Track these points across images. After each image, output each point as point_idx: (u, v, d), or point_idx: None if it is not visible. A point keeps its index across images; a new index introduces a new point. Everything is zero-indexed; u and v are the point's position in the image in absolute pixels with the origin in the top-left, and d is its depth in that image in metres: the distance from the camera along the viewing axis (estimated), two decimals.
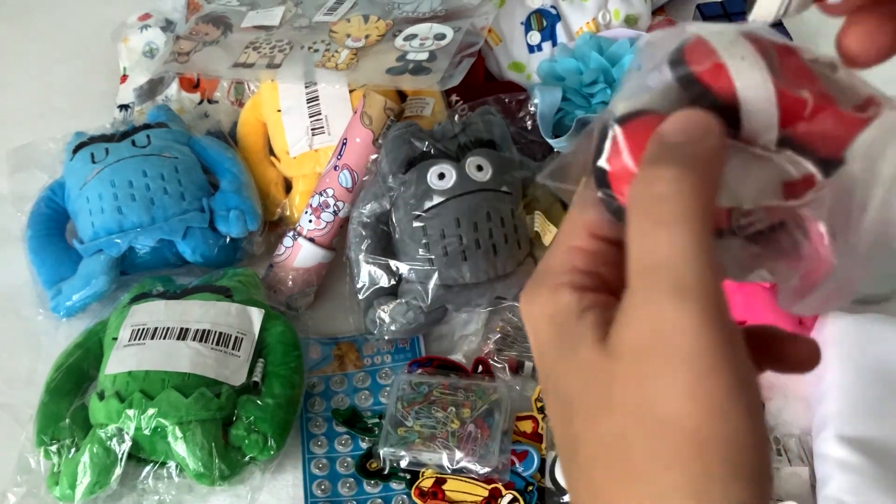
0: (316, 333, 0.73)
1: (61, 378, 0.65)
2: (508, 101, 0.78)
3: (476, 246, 0.66)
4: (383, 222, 0.70)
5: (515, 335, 0.69)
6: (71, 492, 0.60)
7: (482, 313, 0.71)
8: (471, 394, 0.63)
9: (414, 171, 0.68)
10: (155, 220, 0.72)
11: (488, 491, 0.59)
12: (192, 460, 0.60)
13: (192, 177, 0.75)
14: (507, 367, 0.67)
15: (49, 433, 0.62)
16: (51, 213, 0.77)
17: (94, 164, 0.74)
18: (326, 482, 0.63)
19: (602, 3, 0.85)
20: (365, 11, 0.83)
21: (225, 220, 0.73)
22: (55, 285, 0.73)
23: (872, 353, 0.62)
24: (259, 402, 0.62)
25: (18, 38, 1.05)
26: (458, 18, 0.80)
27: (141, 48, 0.93)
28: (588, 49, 0.79)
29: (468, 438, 0.60)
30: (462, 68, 0.73)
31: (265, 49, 0.81)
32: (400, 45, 0.77)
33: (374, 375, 0.70)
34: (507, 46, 0.87)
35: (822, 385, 0.62)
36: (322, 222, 0.73)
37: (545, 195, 0.72)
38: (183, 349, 0.63)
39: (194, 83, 0.90)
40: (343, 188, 0.72)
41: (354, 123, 0.72)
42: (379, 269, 0.69)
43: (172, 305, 0.66)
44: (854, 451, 0.56)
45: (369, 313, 0.69)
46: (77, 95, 0.96)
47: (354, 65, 0.76)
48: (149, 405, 0.59)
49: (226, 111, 0.88)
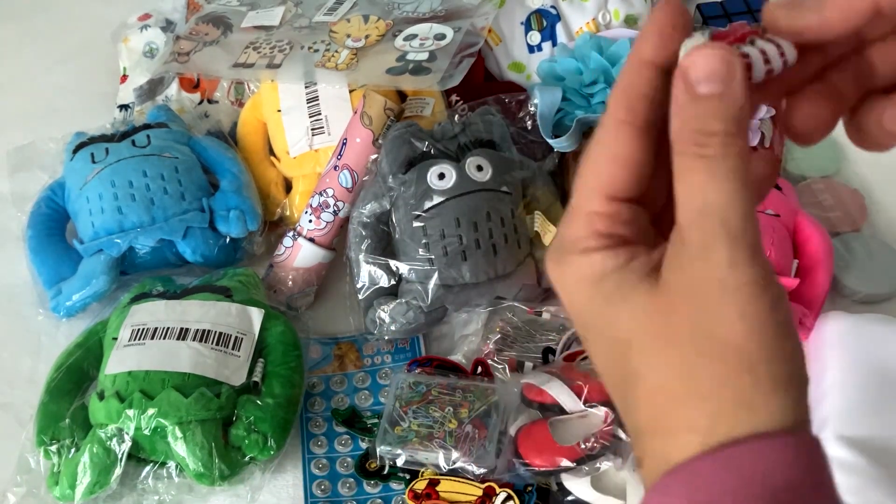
0: (316, 333, 0.73)
1: (61, 378, 0.65)
2: (508, 101, 0.78)
3: (476, 246, 0.66)
4: (383, 222, 0.70)
5: (515, 335, 0.69)
6: (71, 492, 0.60)
7: (482, 313, 0.71)
8: (469, 394, 0.63)
9: (414, 171, 0.68)
10: (155, 220, 0.72)
11: (482, 490, 0.59)
12: (192, 460, 0.60)
13: (192, 177, 0.75)
14: (506, 367, 0.67)
15: (49, 433, 0.62)
16: (51, 213, 0.77)
17: (95, 164, 0.74)
18: (326, 482, 0.63)
19: (602, 4, 0.85)
20: (365, 11, 0.83)
21: (225, 220, 0.73)
22: (55, 285, 0.73)
23: (872, 353, 0.62)
24: (259, 402, 0.62)
25: (18, 38, 1.05)
26: (458, 18, 0.80)
27: (141, 48, 0.93)
28: (588, 49, 0.79)
29: (465, 439, 0.60)
30: (462, 68, 0.73)
31: (265, 49, 0.81)
32: (400, 46, 0.77)
33: (374, 375, 0.70)
34: (507, 46, 0.86)
35: (822, 385, 0.62)
36: (322, 222, 0.73)
37: (545, 195, 0.72)
38: (183, 349, 0.63)
39: (194, 83, 0.90)
40: (343, 188, 0.72)
41: (354, 123, 0.72)
42: (379, 269, 0.69)
43: (172, 305, 0.66)
44: (854, 452, 0.56)
45: (369, 313, 0.69)
46: (77, 95, 0.96)
47: (354, 65, 0.76)
48: (149, 405, 0.60)
49: (226, 111, 0.88)
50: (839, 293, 0.71)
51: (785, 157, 0.80)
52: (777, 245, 0.65)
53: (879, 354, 0.62)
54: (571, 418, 0.59)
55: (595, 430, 0.57)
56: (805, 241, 0.68)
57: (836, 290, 0.71)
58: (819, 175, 0.80)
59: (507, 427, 0.60)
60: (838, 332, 0.64)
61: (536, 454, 0.57)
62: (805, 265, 0.68)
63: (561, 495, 0.59)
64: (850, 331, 0.64)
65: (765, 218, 0.66)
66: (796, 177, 0.80)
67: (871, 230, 0.76)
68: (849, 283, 0.71)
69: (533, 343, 0.69)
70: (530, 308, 0.70)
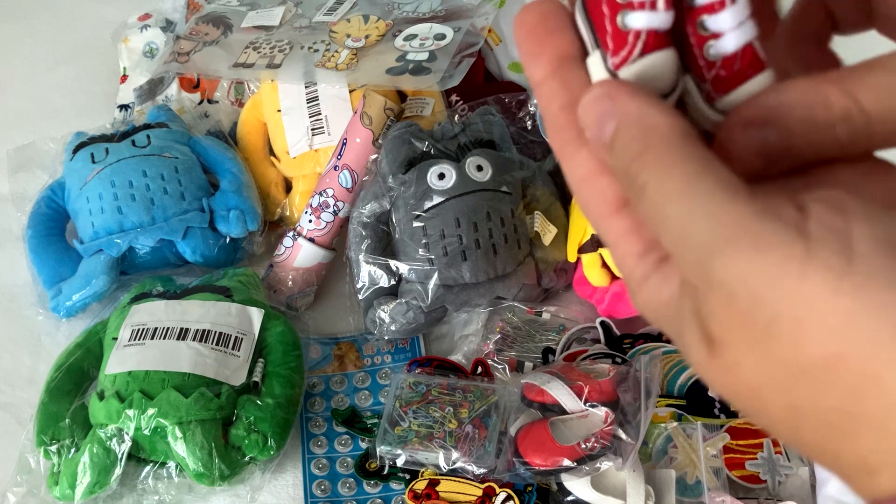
0: (316, 333, 0.73)
1: (61, 378, 0.65)
2: (508, 101, 0.78)
3: (476, 246, 0.66)
4: (383, 222, 0.70)
5: (515, 335, 0.69)
6: (71, 492, 0.60)
7: (482, 313, 0.71)
8: (469, 394, 0.63)
9: (414, 171, 0.68)
10: (155, 220, 0.72)
11: (482, 490, 0.59)
12: (191, 460, 0.60)
13: (192, 177, 0.75)
14: (506, 368, 0.67)
15: (49, 433, 0.62)
16: (51, 213, 0.77)
17: (94, 164, 0.74)
18: (326, 482, 0.63)
19: None
20: (365, 11, 0.83)
21: (225, 220, 0.73)
22: (55, 285, 0.73)
23: None
24: (259, 402, 0.62)
25: (18, 38, 1.05)
26: (458, 18, 0.80)
27: (141, 48, 0.93)
28: None
29: (465, 439, 0.60)
30: (462, 68, 0.73)
31: (265, 49, 0.81)
32: (400, 46, 0.77)
33: (374, 375, 0.70)
34: (507, 46, 0.86)
35: None
36: (322, 222, 0.73)
37: (545, 195, 0.72)
38: (183, 349, 0.63)
39: (194, 83, 0.90)
40: (343, 188, 0.72)
41: (354, 123, 0.72)
42: (379, 269, 0.69)
43: (172, 305, 0.66)
44: None
45: (369, 313, 0.69)
46: (77, 95, 0.96)
47: (354, 65, 0.76)
48: (149, 405, 0.60)
49: (226, 111, 0.88)
50: None
51: None
52: None
53: None
54: (572, 418, 0.59)
55: (595, 430, 0.57)
56: None
57: None
58: None
59: (507, 427, 0.60)
60: None
61: (536, 454, 0.57)
62: None
63: (561, 495, 0.59)
64: None
65: None
66: None
67: None
68: None
69: (533, 343, 0.69)
70: (530, 308, 0.70)
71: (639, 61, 0.22)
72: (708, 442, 0.59)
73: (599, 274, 0.67)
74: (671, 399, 0.63)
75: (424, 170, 0.67)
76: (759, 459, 0.60)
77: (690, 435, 0.60)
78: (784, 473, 0.59)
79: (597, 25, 0.23)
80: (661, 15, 0.22)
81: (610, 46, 0.22)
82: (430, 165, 0.67)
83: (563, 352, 0.67)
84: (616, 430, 0.57)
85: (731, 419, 0.62)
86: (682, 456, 0.59)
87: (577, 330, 0.69)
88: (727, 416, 0.63)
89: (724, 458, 0.59)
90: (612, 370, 0.61)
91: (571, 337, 0.69)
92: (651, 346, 0.67)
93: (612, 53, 0.22)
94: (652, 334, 0.68)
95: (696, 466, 0.58)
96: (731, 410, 0.63)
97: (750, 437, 0.61)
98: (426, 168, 0.67)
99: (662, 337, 0.68)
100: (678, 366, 0.65)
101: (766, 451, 0.60)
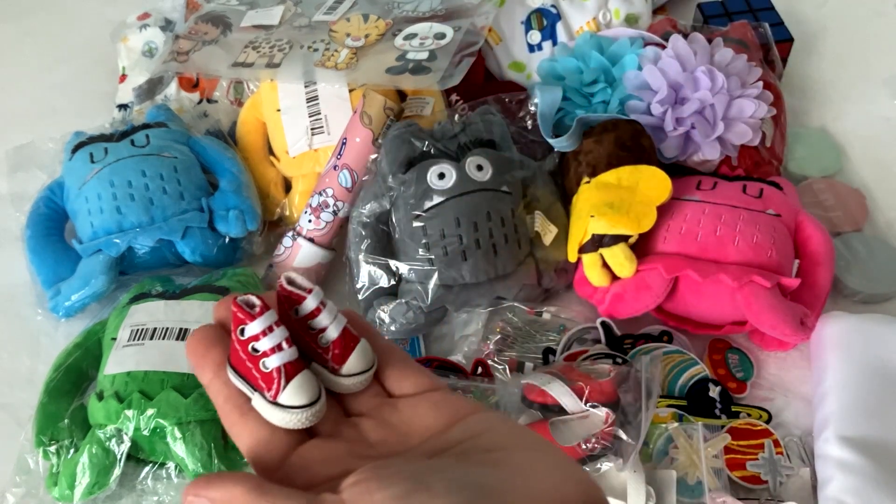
0: None
1: (60, 378, 0.65)
2: (508, 101, 0.77)
3: (476, 246, 0.66)
4: (383, 222, 0.70)
5: (515, 335, 0.69)
6: (70, 492, 0.60)
7: (482, 313, 0.71)
8: (469, 395, 0.63)
9: (414, 170, 0.68)
10: (154, 220, 0.72)
11: None
12: (191, 461, 0.59)
13: (192, 177, 0.75)
14: (507, 368, 0.67)
15: (48, 433, 0.62)
16: (50, 213, 0.77)
17: (93, 163, 0.74)
18: None
19: (602, 3, 0.85)
20: (365, 11, 0.83)
21: (224, 220, 0.73)
22: (54, 285, 0.73)
23: (873, 354, 0.62)
24: None
25: (18, 38, 1.05)
26: (458, 18, 0.80)
27: (140, 48, 0.93)
28: (588, 48, 0.79)
29: None
30: (462, 68, 0.73)
31: (265, 48, 0.81)
32: (400, 45, 0.77)
33: None
34: (508, 46, 0.86)
35: (822, 385, 0.62)
36: (322, 222, 0.73)
37: (545, 195, 0.71)
38: (182, 349, 0.63)
39: (193, 83, 0.90)
40: (343, 188, 0.72)
41: (354, 123, 0.72)
42: (379, 269, 0.68)
43: (172, 305, 0.66)
44: (855, 452, 0.56)
45: (369, 313, 0.69)
46: (76, 95, 0.96)
47: (354, 64, 0.76)
48: (148, 405, 0.59)
49: (225, 111, 0.88)
50: (840, 293, 0.71)
51: (786, 156, 0.80)
52: (778, 245, 0.65)
53: (880, 354, 0.62)
54: (572, 419, 0.59)
55: (596, 430, 0.57)
56: (806, 240, 0.68)
57: (837, 289, 0.71)
58: (820, 175, 0.80)
59: None
60: (839, 332, 0.64)
61: None
62: (806, 265, 0.68)
63: None
64: (851, 331, 0.64)
65: (766, 217, 0.66)
66: (798, 177, 0.80)
67: (871, 230, 0.76)
68: (850, 282, 0.70)
69: (533, 343, 0.69)
70: (530, 308, 0.70)
71: (288, 387, 0.30)
72: (709, 442, 0.59)
73: (600, 274, 0.67)
74: (672, 399, 0.63)
75: (424, 169, 0.67)
76: (760, 460, 0.60)
77: (691, 435, 0.60)
78: (785, 474, 0.59)
79: (248, 377, 0.30)
80: (288, 351, 0.30)
81: (263, 386, 0.30)
82: (429, 165, 0.67)
83: (564, 352, 0.67)
84: (617, 430, 0.57)
85: (732, 420, 0.62)
86: (683, 456, 0.59)
87: (577, 330, 0.69)
88: (728, 416, 0.62)
89: (725, 459, 0.59)
90: (613, 371, 0.61)
91: (572, 337, 0.68)
92: (652, 347, 0.67)
93: (267, 389, 0.30)
94: (653, 335, 0.68)
95: (697, 467, 0.58)
96: (732, 411, 0.63)
97: (751, 438, 0.61)
98: (426, 168, 0.67)
99: (664, 338, 0.68)
100: (679, 366, 0.65)
101: (767, 452, 0.60)
